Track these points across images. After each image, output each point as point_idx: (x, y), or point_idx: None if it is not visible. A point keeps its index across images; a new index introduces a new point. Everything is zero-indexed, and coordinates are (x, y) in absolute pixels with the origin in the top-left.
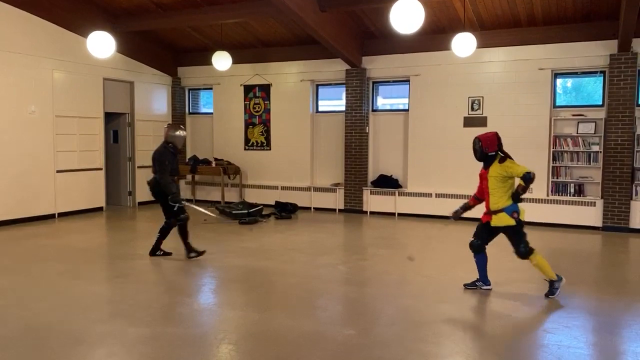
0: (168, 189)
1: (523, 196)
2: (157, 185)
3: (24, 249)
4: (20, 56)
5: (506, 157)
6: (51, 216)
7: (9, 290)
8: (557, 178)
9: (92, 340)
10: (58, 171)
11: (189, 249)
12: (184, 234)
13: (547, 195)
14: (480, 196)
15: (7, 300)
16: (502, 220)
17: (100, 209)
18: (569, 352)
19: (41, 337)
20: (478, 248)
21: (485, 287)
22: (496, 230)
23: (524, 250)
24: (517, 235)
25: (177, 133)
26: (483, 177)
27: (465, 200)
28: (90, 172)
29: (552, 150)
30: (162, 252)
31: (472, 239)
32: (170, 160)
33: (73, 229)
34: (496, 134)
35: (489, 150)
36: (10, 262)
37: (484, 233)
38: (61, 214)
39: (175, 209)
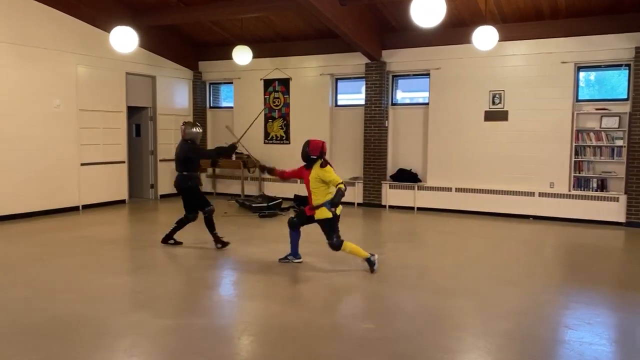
0: (215, 155)
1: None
2: (180, 180)
3: (48, 240)
4: (45, 51)
5: (327, 164)
6: (75, 208)
7: (34, 281)
8: (580, 173)
9: (117, 331)
10: (82, 164)
11: (217, 239)
12: (210, 226)
13: (569, 190)
14: (288, 177)
15: (33, 291)
16: (323, 213)
17: (123, 201)
18: (591, 349)
19: (66, 327)
20: (294, 226)
21: (296, 261)
22: (315, 220)
23: (336, 243)
24: (331, 228)
25: (193, 130)
26: (305, 175)
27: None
28: (113, 165)
29: (574, 144)
30: (173, 242)
31: (292, 217)
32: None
33: (97, 221)
34: (324, 143)
35: (311, 154)
36: (36, 254)
37: (304, 217)
38: (85, 206)
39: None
